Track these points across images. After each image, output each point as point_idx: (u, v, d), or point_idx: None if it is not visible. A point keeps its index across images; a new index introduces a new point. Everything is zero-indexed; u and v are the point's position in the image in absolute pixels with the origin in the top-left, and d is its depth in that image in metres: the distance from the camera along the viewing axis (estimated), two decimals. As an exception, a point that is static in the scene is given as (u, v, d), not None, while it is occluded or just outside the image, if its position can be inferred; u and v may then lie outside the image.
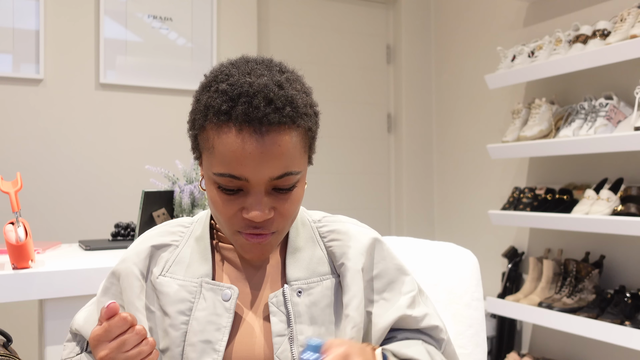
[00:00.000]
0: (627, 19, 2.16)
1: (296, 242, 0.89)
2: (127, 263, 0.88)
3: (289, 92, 0.77)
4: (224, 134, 0.76)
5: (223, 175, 0.77)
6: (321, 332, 0.83)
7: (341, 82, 3.40)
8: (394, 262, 0.92)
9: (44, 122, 2.57)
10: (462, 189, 3.32)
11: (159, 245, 0.89)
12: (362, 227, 0.94)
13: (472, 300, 1.15)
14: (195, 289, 0.84)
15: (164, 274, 0.86)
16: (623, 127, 2.17)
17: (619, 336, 2.03)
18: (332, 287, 0.87)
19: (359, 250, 0.88)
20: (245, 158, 0.75)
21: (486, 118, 3.14)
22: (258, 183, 0.77)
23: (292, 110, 0.77)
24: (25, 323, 2.26)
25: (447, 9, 3.45)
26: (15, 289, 1.32)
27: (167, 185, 1.74)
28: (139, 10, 2.78)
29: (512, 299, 2.51)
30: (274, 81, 0.77)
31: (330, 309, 0.85)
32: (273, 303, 0.83)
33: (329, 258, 0.90)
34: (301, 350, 0.79)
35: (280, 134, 0.76)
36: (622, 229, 2.04)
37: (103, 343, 0.72)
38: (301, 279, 0.86)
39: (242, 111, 0.74)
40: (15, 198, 1.33)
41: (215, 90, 0.77)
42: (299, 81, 0.83)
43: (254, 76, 0.77)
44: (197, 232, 0.91)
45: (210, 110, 0.77)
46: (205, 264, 0.87)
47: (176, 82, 2.83)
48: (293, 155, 0.78)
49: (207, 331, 0.81)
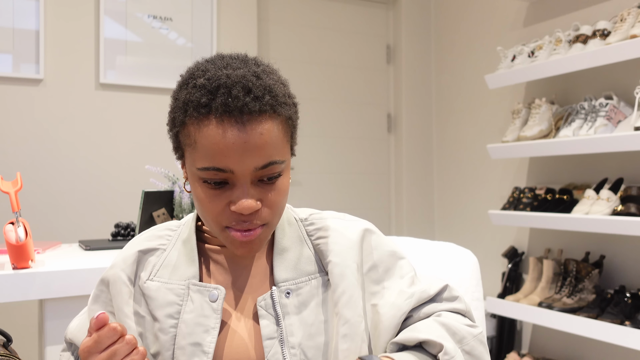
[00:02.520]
0: (627, 19, 2.16)
1: (282, 243, 0.88)
2: (115, 269, 0.87)
3: (267, 81, 0.77)
4: (205, 127, 0.75)
5: (207, 169, 0.76)
6: (312, 332, 0.82)
7: (341, 82, 3.40)
8: (387, 249, 0.91)
9: (44, 122, 2.57)
10: (462, 189, 3.32)
11: (146, 249, 0.89)
12: (349, 221, 0.93)
13: (472, 300, 1.15)
14: (182, 291, 0.84)
15: (152, 278, 0.86)
16: (623, 127, 2.17)
17: (619, 336, 2.03)
18: (321, 285, 0.86)
19: (346, 246, 0.87)
20: (228, 149, 0.74)
21: (486, 118, 3.14)
22: (243, 174, 0.76)
23: (271, 98, 0.77)
24: (25, 323, 2.26)
25: (447, 9, 3.45)
26: (15, 289, 1.32)
27: (167, 185, 1.74)
28: (139, 10, 2.78)
29: (512, 299, 2.51)
30: (251, 72, 0.77)
31: (320, 307, 0.85)
32: (262, 306, 0.83)
33: (317, 256, 0.89)
34: None
35: (261, 122, 0.75)
36: (622, 229, 2.04)
37: (94, 355, 0.71)
38: (289, 280, 0.85)
39: (222, 102, 0.74)
40: (15, 198, 1.33)
41: (193, 86, 0.77)
42: (275, 73, 0.83)
43: (230, 69, 0.77)
44: (184, 234, 0.90)
45: (189, 105, 0.77)
46: (192, 266, 0.86)
47: (176, 82, 2.82)
48: (276, 144, 0.78)
49: (196, 333, 0.81)
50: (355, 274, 0.86)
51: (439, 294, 0.89)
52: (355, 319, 0.83)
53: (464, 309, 0.90)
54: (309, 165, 3.26)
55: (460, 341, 0.83)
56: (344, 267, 0.85)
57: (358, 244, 0.88)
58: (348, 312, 0.82)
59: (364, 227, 0.92)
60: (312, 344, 0.82)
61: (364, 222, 0.94)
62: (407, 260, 0.92)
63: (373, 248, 0.90)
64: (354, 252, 0.87)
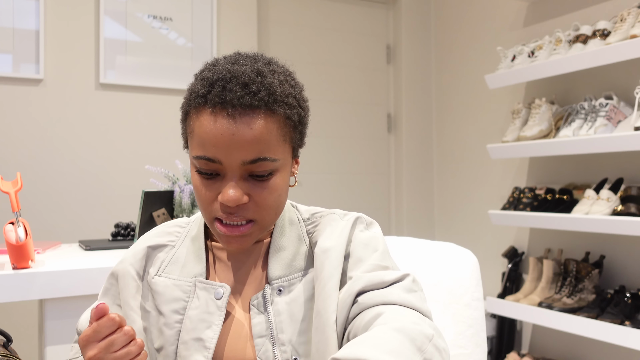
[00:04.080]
0: (627, 19, 2.16)
1: (279, 242, 0.88)
2: (124, 264, 0.89)
3: (268, 79, 0.78)
4: (201, 117, 0.78)
5: (199, 158, 0.79)
6: (303, 328, 0.82)
7: (341, 82, 3.40)
8: (363, 240, 0.86)
9: (44, 122, 2.57)
10: (462, 189, 3.32)
11: (155, 245, 0.91)
12: (345, 214, 0.91)
13: (472, 300, 1.15)
14: (189, 288, 0.85)
15: (160, 274, 0.88)
16: (623, 127, 2.17)
17: (619, 336, 2.03)
18: (312, 280, 0.86)
19: (333, 236, 0.85)
20: (217, 140, 0.76)
21: (486, 118, 3.14)
22: (231, 166, 0.78)
23: (267, 95, 0.77)
24: (25, 323, 2.26)
25: (447, 9, 3.45)
26: (15, 289, 1.32)
27: (167, 185, 1.74)
28: (139, 10, 2.78)
29: (512, 299, 2.51)
30: (254, 69, 0.79)
31: (311, 302, 0.84)
32: (254, 305, 0.84)
33: (311, 251, 0.88)
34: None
35: (253, 117, 0.76)
36: (622, 229, 2.04)
37: (92, 343, 0.72)
38: (282, 277, 0.85)
39: (217, 94, 0.76)
40: (15, 198, 1.33)
41: (199, 78, 0.81)
42: (285, 74, 0.83)
43: (237, 65, 0.80)
44: (192, 232, 0.92)
45: (192, 95, 0.80)
46: (200, 264, 0.87)
47: (176, 82, 2.83)
48: (268, 141, 0.78)
49: (199, 329, 0.82)
50: (335, 263, 0.82)
51: (394, 282, 0.79)
52: (325, 310, 0.79)
53: (419, 306, 0.77)
54: (309, 165, 3.26)
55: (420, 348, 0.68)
56: (324, 259, 0.83)
57: (347, 233, 0.86)
58: (320, 303, 0.80)
59: (357, 216, 0.90)
60: (304, 340, 0.82)
61: (359, 214, 0.91)
62: (382, 252, 0.86)
63: (355, 238, 0.87)
64: (340, 245, 0.84)
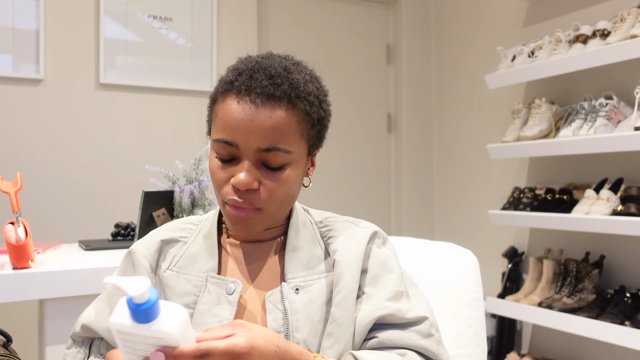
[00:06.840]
0: (627, 19, 2.16)
1: (295, 242, 0.90)
2: (138, 255, 0.90)
3: (294, 75, 0.83)
4: (226, 102, 0.83)
5: (218, 141, 0.83)
6: (318, 329, 0.83)
7: (341, 82, 3.40)
8: (380, 258, 0.89)
9: (44, 122, 2.57)
10: (462, 189, 3.32)
11: (168, 240, 0.92)
12: (361, 224, 0.93)
13: (472, 300, 1.15)
14: (200, 283, 0.86)
15: (171, 268, 0.89)
16: (623, 127, 2.17)
17: (619, 336, 2.03)
18: (330, 284, 0.87)
19: (352, 247, 0.88)
20: (237, 123, 0.80)
21: (486, 118, 3.14)
22: (247, 151, 0.81)
23: (290, 89, 0.81)
24: (25, 323, 2.25)
25: (447, 9, 3.45)
26: (15, 289, 1.32)
27: (167, 185, 1.74)
28: (139, 10, 2.78)
29: (512, 299, 2.51)
30: (282, 65, 0.84)
31: (328, 305, 0.85)
32: (270, 301, 0.84)
33: (327, 254, 0.90)
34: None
35: (274, 107, 0.80)
36: (622, 229, 2.04)
37: None
38: (299, 277, 0.86)
39: (243, 82, 0.81)
40: (15, 198, 1.33)
41: (230, 69, 0.87)
42: (312, 76, 0.88)
43: (266, 60, 0.85)
44: (205, 229, 0.93)
45: (220, 83, 0.86)
46: (212, 260, 0.89)
47: (176, 82, 2.83)
48: (285, 133, 0.81)
49: (209, 323, 0.82)
50: (355, 275, 0.86)
51: (413, 323, 0.83)
52: (344, 320, 0.82)
53: (433, 351, 0.82)
54: (309, 165, 3.26)
55: None
56: (344, 267, 0.85)
57: (364, 247, 0.89)
58: (338, 312, 0.82)
59: (374, 229, 0.93)
60: (318, 341, 0.83)
61: (376, 227, 0.94)
62: (399, 276, 0.89)
63: (373, 253, 0.90)
64: (359, 254, 0.87)
